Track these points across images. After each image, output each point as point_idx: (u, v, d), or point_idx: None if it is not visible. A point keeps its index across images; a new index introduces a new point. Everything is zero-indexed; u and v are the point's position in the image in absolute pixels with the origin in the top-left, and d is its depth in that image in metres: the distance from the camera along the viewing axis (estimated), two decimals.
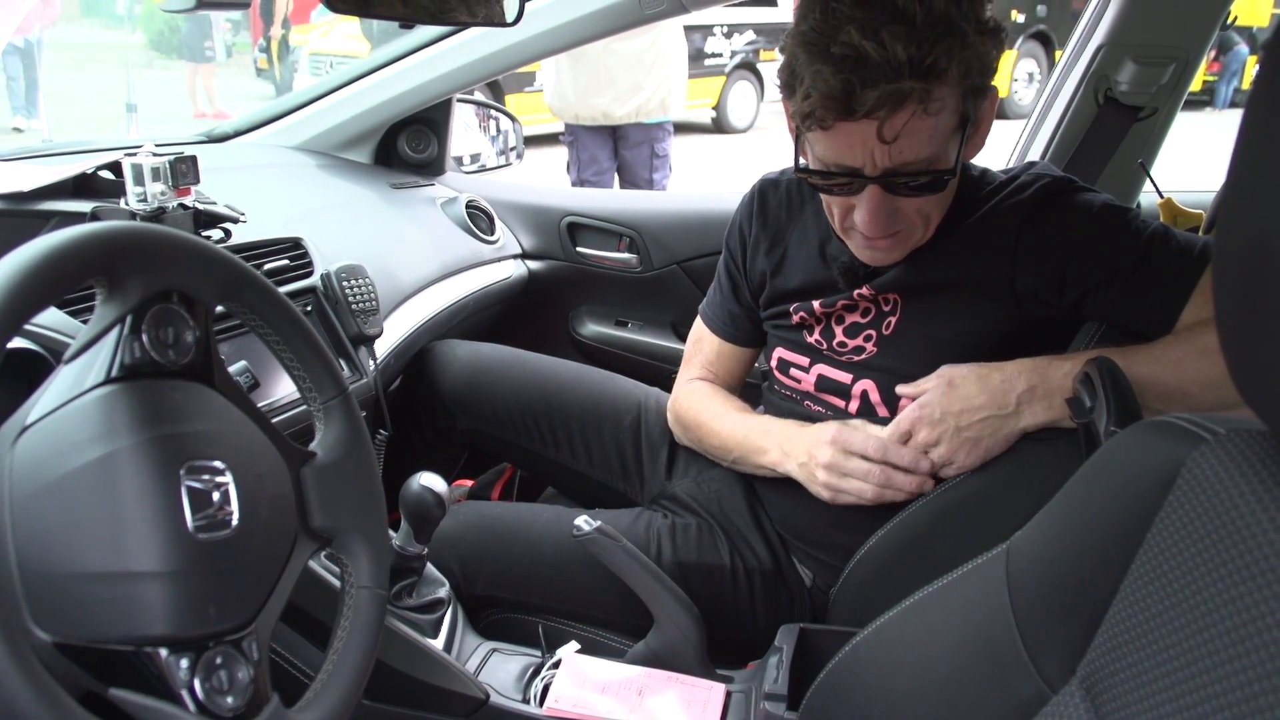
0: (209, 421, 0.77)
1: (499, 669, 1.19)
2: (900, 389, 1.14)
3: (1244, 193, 0.55)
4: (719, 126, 9.83)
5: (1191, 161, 2.82)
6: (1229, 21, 1.61)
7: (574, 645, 1.22)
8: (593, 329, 2.03)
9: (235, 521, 0.75)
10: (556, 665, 1.17)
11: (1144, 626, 0.65)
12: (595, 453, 1.52)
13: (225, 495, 0.75)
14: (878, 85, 0.94)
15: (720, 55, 9.37)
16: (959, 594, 0.87)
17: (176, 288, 0.77)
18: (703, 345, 1.42)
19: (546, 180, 3.50)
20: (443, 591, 1.21)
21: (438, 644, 1.16)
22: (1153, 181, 1.68)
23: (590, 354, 1.99)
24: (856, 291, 1.18)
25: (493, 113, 2.29)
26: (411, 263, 1.63)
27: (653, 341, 1.97)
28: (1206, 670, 0.57)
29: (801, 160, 1.08)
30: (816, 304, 1.23)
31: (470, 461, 1.69)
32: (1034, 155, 1.77)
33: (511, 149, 2.32)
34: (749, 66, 9.66)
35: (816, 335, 1.24)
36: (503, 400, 1.54)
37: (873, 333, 1.19)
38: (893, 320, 1.18)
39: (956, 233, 1.13)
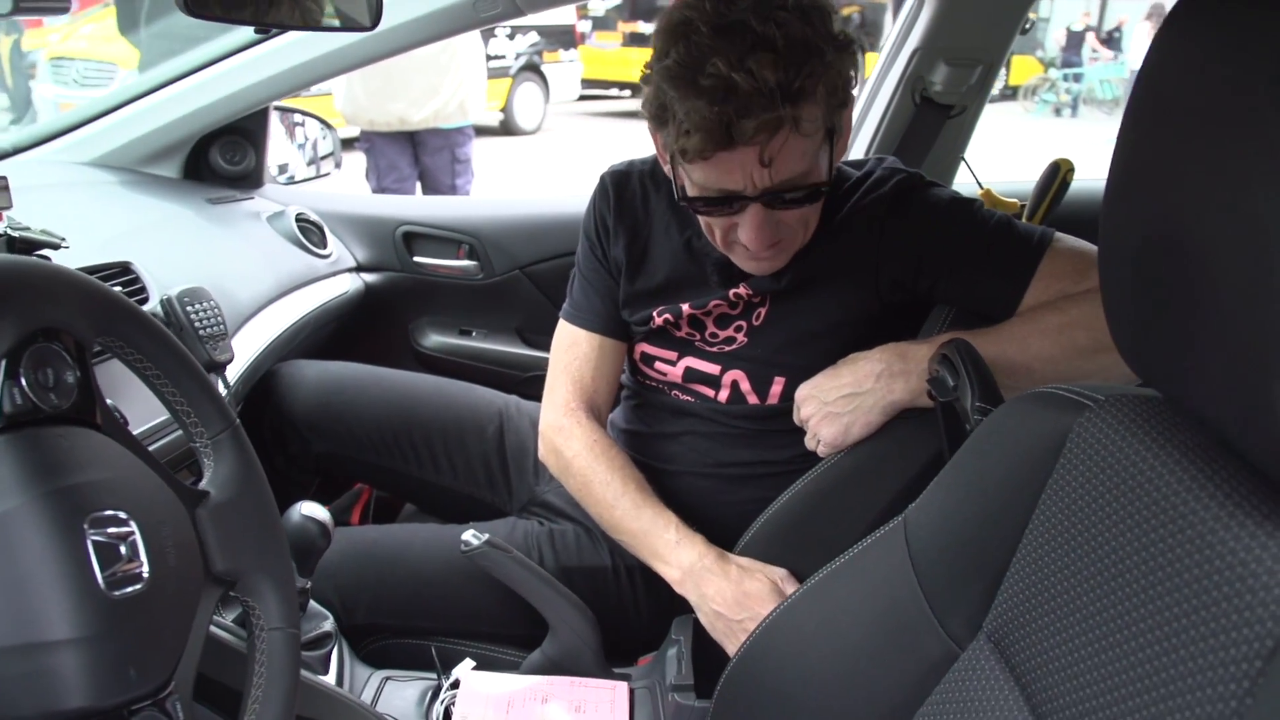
0: (103, 469, 0.71)
1: (396, 697, 1.16)
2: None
3: (1131, 184, 0.62)
4: (507, 129, 9.79)
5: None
6: (1026, 28, 1.82)
7: (469, 663, 1.20)
8: (435, 340, 1.98)
9: (146, 574, 0.69)
10: (455, 685, 1.15)
11: (1047, 580, 0.71)
12: (460, 465, 1.49)
13: (133, 547, 0.69)
14: (754, 114, 0.96)
15: (504, 57, 9.33)
16: (862, 568, 0.92)
17: (54, 325, 0.70)
18: (577, 349, 1.31)
19: (345, 188, 3.34)
20: (328, 625, 1.15)
21: (329, 679, 1.11)
22: (972, 172, 1.84)
23: (434, 365, 1.95)
24: (733, 291, 1.21)
25: (300, 119, 2.16)
26: (246, 282, 1.53)
27: (498, 349, 1.95)
28: (1119, 615, 0.63)
29: (682, 186, 1.09)
30: (685, 306, 1.24)
31: (323, 486, 1.62)
32: (858, 152, 1.89)
33: (324, 157, 2.20)
34: (534, 68, 9.67)
35: (685, 330, 1.26)
36: (359, 420, 1.48)
37: (743, 324, 1.23)
38: (762, 311, 1.22)
39: (825, 228, 1.18)
